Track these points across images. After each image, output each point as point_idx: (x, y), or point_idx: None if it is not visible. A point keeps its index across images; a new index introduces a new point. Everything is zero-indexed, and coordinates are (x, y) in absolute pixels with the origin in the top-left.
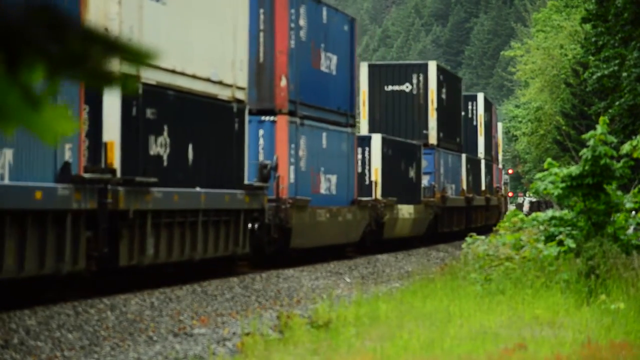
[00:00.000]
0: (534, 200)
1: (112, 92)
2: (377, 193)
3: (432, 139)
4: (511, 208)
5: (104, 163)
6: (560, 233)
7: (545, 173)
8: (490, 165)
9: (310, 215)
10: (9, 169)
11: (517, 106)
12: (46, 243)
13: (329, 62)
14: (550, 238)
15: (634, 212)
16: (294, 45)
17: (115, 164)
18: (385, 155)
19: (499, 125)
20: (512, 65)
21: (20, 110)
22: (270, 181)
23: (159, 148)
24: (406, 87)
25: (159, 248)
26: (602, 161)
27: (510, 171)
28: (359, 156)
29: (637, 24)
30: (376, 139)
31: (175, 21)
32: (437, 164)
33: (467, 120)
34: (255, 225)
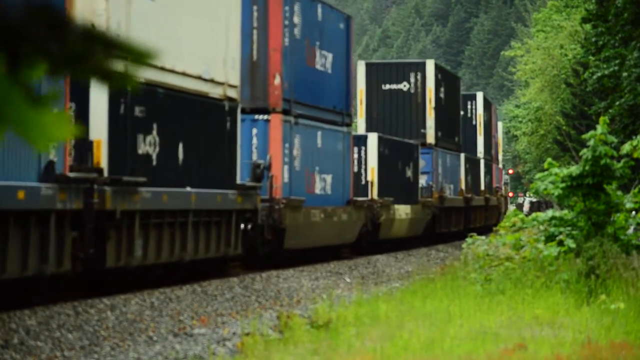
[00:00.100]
0: (534, 200)
1: (99, 90)
2: (374, 193)
3: (430, 138)
4: (511, 208)
5: (91, 162)
6: (561, 233)
7: (545, 173)
8: (490, 165)
9: (305, 215)
10: None
11: (517, 106)
12: (29, 244)
13: (324, 60)
14: (550, 238)
15: (634, 212)
16: (288, 43)
17: (103, 163)
18: (381, 155)
19: (499, 124)
20: (512, 65)
21: (19, 112)
22: (263, 181)
23: (148, 147)
24: (404, 86)
25: (148, 249)
26: (602, 161)
27: (510, 171)
28: (355, 156)
29: (637, 24)
30: (372, 138)
31: (165, 17)
32: (435, 163)
33: (466, 120)
34: (248, 226)
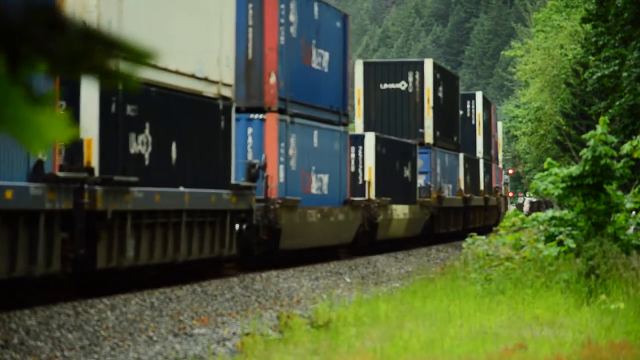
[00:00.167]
0: (534, 200)
1: (90, 88)
2: (371, 193)
3: (429, 137)
4: (511, 208)
5: (82, 162)
6: (560, 233)
7: (545, 173)
8: (490, 164)
9: (301, 215)
10: None
11: (517, 106)
12: (17, 245)
13: (320, 59)
14: (550, 238)
15: (634, 212)
16: (284, 42)
17: (94, 163)
18: (379, 155)
19: (499, 124)
20: (512, 65)
21: (18, 112)
22: (258, 181)
23: (140, 146)
24: (402, 85)
25: (140, 250)
26: (602, 161)
27: (510, 171)
28: (352, 155)
29: (637, 24)
30: (370, 138)
31: (158, 15)
32: (434, 163)
33: (465, 119)
34: (243, 226)
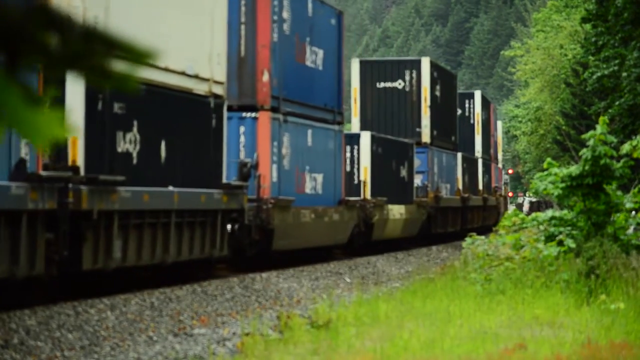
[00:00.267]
0: (534, 200)
1: (75, 85)
2: (366, 193)
3: (426, 137)
4: (511, 208)
5: (67, 160)
6: (560, 233)
7: (545, 173)
8: (489, 164)
9: (294, 215)
10: None
11: (517, 106)
12: None
13: (314, 57)
14: (550, 238)
15: (634, 212)
16: (277, 39)
17: (79, 162)
18: (375, 154)
19: (499, 124)
20: (512, 65)
21: (17, 111)
22: (250, 180)
23: (128, 145)
24: (399, 84)
25: (127, 251)
26: (602, 161)
27: (510, 171)
28: (348, 155)
29: (637, 24)
30: (365, 137)
31: (146, 11)
32: (431, 162)
33: (464, 119)
34: (235, 227)
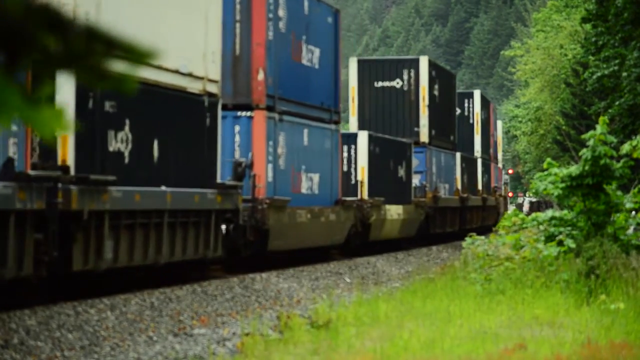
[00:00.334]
0: (534, 200)
1: (65, 82)
2: (363, 193)
3: (424, 136)
4: (511, 208)
5: (57, 160)
6: (560, 233)
7: (545, 173)
8: (488, 164)
9: (290, 215)
10: None
11: (517, 106)
12: None
13: (310, 55)
14: (550, 238)
15: (634, 212)
16: (273, 37)
17: (69, 161)
18: (372, 154)
19: (499, 123)
20: (512, 65)
21: (19, 107)
22: (245, 180)
23: (120, 144)
24: (397, 83)
25: (119, 251)
26: (602, 161)
27: (510, 171)
28: (345, 154)
29: (637, 24)
30: (362, 137)
31: (139, 8)
32: (429, 162)
33: (463, 118)
34: (230, 227)
